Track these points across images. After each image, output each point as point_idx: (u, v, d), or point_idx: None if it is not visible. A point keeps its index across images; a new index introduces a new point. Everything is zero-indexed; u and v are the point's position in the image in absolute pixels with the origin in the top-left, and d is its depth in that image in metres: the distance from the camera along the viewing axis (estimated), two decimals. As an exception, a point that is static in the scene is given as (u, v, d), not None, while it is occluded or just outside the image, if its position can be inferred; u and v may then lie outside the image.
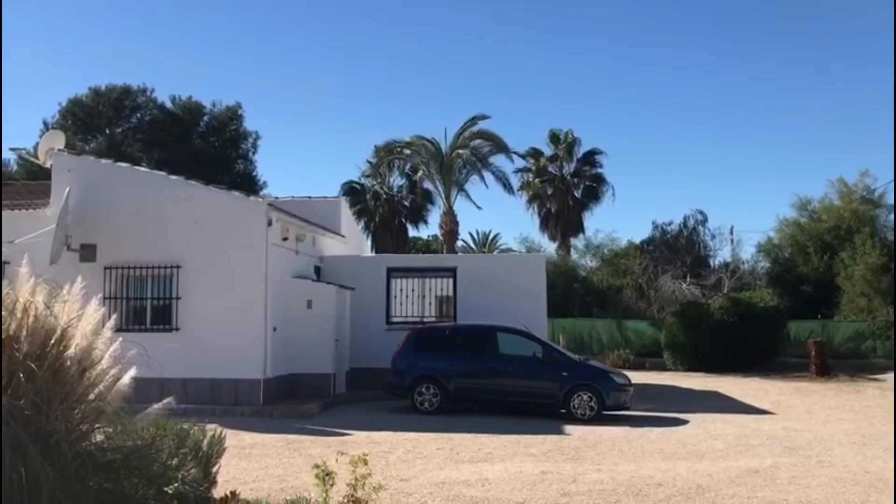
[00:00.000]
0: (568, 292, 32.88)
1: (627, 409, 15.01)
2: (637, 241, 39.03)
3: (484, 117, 34.05)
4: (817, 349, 24.77)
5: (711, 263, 37.30)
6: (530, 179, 40.37)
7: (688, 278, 32.96)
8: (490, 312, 17.39)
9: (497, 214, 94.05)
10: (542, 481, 8.95)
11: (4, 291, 5.76)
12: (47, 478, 5.15)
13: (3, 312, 5.43)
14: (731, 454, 10.97)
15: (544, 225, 40.20)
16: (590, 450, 11.29)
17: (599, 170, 40.12)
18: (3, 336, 5.28)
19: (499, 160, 35.30)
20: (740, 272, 34.76)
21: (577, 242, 40.17)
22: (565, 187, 39.72)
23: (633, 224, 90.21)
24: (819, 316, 31.50)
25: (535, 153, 40.18)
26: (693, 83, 69.16)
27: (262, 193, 34.91)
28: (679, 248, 36.64)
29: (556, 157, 40.14)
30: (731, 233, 39.23)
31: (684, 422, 14.31)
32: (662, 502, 7.98)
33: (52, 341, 5.70)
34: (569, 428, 13.49)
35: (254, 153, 42.29)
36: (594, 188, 39.99)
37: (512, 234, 79.30)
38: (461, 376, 15.34)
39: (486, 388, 15.31)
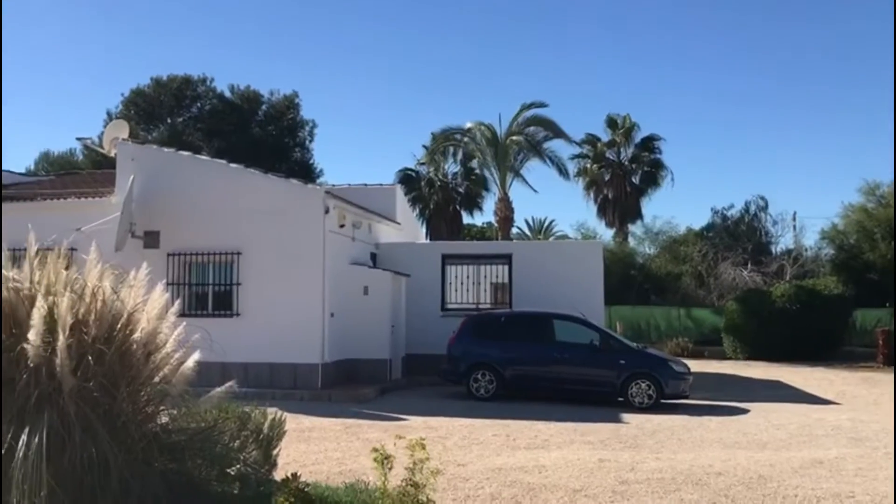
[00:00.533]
0: (625, 279, 32.54)
1: (686, 397, 14.80)
2: (696, 227, 38.41)
3: (541, 105, 33.91)
4: (885, 338, 24.06)
5: (773, 250, 36.49)
6: (587, 165, 39.98)
7: (749, 265, 32.32)
8: (546, 300, 17.32)
9: (552, 201, 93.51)
10: (600, 469, 8.90)
11: (74, 276, 5.94)
12: (115, 458, 5.30)
13: (73, 296, 5.60)
14: (793, 444, 10.74)
15: (601, 211, 39.80)
16: (648, 438, 11.18)
17: (658, 155, 39.56)
18: (73, 320, 5.44)
19: (554, 146, 35.13)
20: (803, 259, 33.93)
21: (636, 229, 39.75)
22: (623, 173, 39.24)
23: (692, 210, 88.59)
24: (887, 305, 30.53)
25: (591, 139, 39.80)
26: (754, 65, 67.54)
27: (318, 181, 35.27)
28: (740, 234, 35.91)
29: (613, 143, 39.67)
30: (794, 219, 38.33)
31: (745, 411, 14.06)
32: (723, 492, 7.85)
33: (119, 325, 5.85)
34: (626, 416, 13.37)
35: (310, 141, 42.80)
36: (652, 174, 39.41)
37: (568, 221, 78.84)
38: (517, 363, 15.32)
39: (542, 375, 15.26)
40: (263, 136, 39.71)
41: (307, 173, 38.48)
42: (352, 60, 76.52)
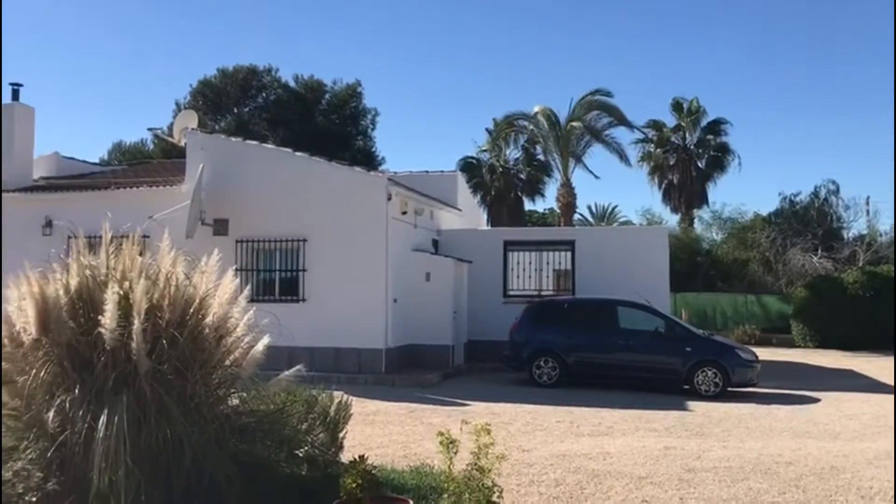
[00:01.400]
0: (691, 266, 31.99)
1: (754, 385, 14.52)
2: (764, 212, 37.46)
3: (606, 93, 33.53)
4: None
5: (845, 236, 35.31)
6: (651, 150, 39.34)
7: (819, 251, 31.41)
8: (609, 286, 17.16)
9: (615, 188, 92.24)
10: (665, 457, 8.81)
11: (148, 262, 6.12)
12: (189, 438, 5.46)
13: (148, 282, 5.77)
14: (867, 435, 10.44)
15: (666, 197, 39.15)
16: (714, 426, 11.00)
17: (724, 139, 38.67)
18: (147, 304, 5.61)
19: (616, 132, 34.68)
20: (877, 245, 32.76)
21: (703, 214, 39.00)
22: (688, 158, 38.49)
23: (760, 195, 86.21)
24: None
25: (656, 124, 39.13)
26: (821, 48, 65.29)
27: (380, 169, 35.54)
28: (809, 219, 34.85)
29: (679, 127, 38.94)
30: (867, 203, 36.99)
31: (815, 400, 13.72)
32: (793, 482, 7.69)
33: (192, 310, 6.01)
34: (692, 404, 13.18)
35: (373, 130, 43.04)
36: (719, 158, 38.56)
37: (631, 207, 77.48)
38: (580, 350, 15.22)
39: (605, 362, 15.14)
40: (326, 125, 40.11)
41: (369, 161, 38.75)
42: (414, 48, 76.69)
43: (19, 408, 5.09)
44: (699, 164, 38.76)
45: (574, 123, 33.27)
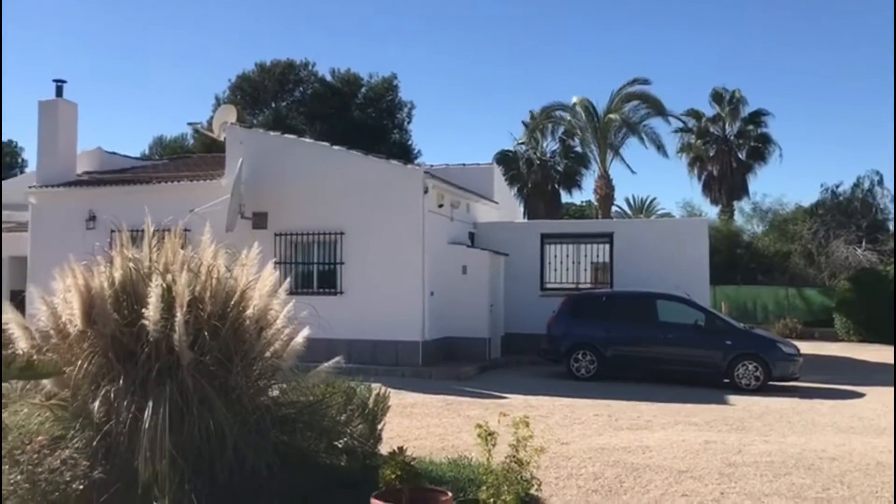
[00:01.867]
0: (731, 258, 31.56)
1: (796, 379, 14.29)
2: (805, 204, 36.81)
3: (644, 81, 33.22)
4: None
5: (890, 227, 34.58)
6: (691, 141, 38.86)
7: (863, 243, 30.79)
8: (648, 279, 17.00)
9: (654, 179, 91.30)
10: (706, 451, 8.71)
11: (190, 255, 6.21)
12: (231, 429, 5.53)
13: (190, 274, 5.85)
14: (914, 431, 10.21)
15: (706, 188, 38.67)
16: (755, 421, 10.86)
17: (765, 129, 38.07)
18: (189, 297, 5.69)
19: (655, 123, 34.36)
20: (925, 237, 32.02)
21: (743, 206, 38.48)
22: (728, 149, 37.97)
23: (802, 187, 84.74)
24: None
25: (695, 114, 38.64)
26: (863, 36, 63.84)
27: (416, 162, 35.59)
28: (853, 211, 34.16)
29: (718, 118, 38.40)
30: (914, 194, 36.10)
31: (859, 395, 13.47)
32: (838, 478, 7.56)
33: (233, 302, 6.08)
34: (732, 398, 13.02)
35: (408, 123, 43.12)
36: (760, 149, 37.97)
37: (670, 198, 76.78)
38: (619, 343, 15.12)
39: (644, 356, 15.02)
40: (363, 119, 40.29)
41: (405, 155, 38.83)
42: (450, 40, 76.59)
43: (66, 398, 5.20)
44: (739, 155, 38.22)
45: (612, 115, 33.02)
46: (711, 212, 38.97)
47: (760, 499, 6.83)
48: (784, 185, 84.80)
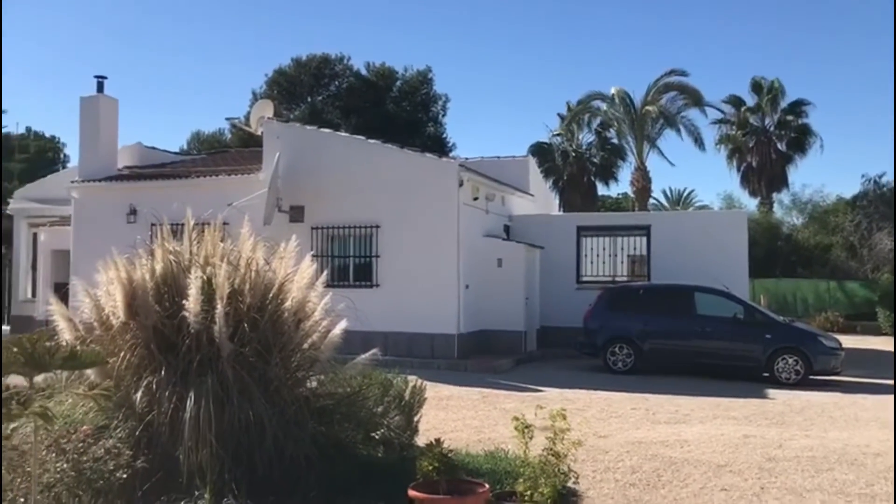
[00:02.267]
0: (770, 251, 31.11)
1: (837, 374, 14.05)
2: (847, 195, 36.12)
3: (682, 73, 32.83)
4: None
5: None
6: (730, 132, 38.29)
7: (907, 236, 30.11)
8: (686, 272, 16.82)
9: (691, 171, 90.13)
10: (745, 445, 8.61)
11: (230, 248, 6.28)
12: (270, 420, 5.60)
13: (229, 267, 5.91)
14: (961, 427, 9.98)
15: (745, 180, 38.10)
16: (796, 415, 10.70)
17: (805, 120, 37.35)
18: (229, 289, 5.75)
19: (692, 115, 33.95)
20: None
21: (782, 198, 37.86)
22: (768, 139, 37.34)
23: (843, 178, 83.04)
24: None
25: (735, 101, 38.01)
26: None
27: (451, 155, 35.57)
28: (896, 202, 33.44)
29: (758, 108, 37.76)
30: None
31: (905, 390, 13.19)
32: (882, 474, 7.42)
33: (272, 294, 6.15)
34: (772, 392, 12.85)
35: (443, 116, 43.06)
36: (800, 140, 37.28)
37: (708, 191, 75.70)
38: (656, 337, 14.99)
39: (682, 349, 14.87)
40: (398, 112, 40.35)
41: (440, 148, 38.81)
42: (484, 33, 76.33)
43: (110, 388, 5.29)
44: (779, 147, 37.57)
45: (649, 107, 32.69)
46: (750, 204, 38.46)
47: (802, 494, 6.73)
48: (824, 176, 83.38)
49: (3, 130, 44.27)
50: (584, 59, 75.49)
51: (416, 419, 7.55)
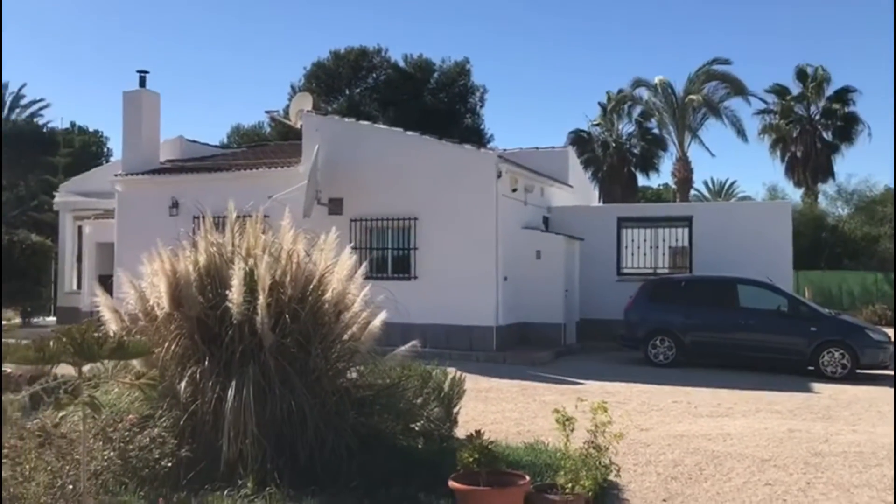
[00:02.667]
0: (815, 242, 30.53)
1: (886, 368, 13.72)
2: (896, 185, 35.30)
3: (724, 62, 32.37)
4: None
5: None
6: (774, 122, 37.60)
7: (959, 226, 29.38)
8: (729, 264, 16.57)
9: (733, 162, 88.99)
10: (790, 439, 8.46)
11: (271, 240, 6.33)
12: (311, 410, 5.65)
13: (270, 259, 5.96)
14: None
15: (789, 170, 37.44)
16: (843, 410, 10.48)
17: (852, 108, 36.53)
18: (270, 280, 5.80)
19: (734, 104, 33.47)
20: None
21: (827, 189, 37.12)
22: (813, 129, 36.63)
23: (891, 167, 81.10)
24: None
25: (779, 90, 37.33)
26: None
27: (489, 147, 35.45)
28: (948, 191, 32.65)
29: (803, 97, 37.03)
30: None
31: (956, 385, 12.86)
32: (932, 470, 7.23)
33: (312, 286, 6.20)
34: (817, 386, 12.61)
35: (481, 107, 42.93)
36: (846, 129, 36.49)
37: (750, 181, 74.37)
38: (698, 329, 14.79)
39: (724, 342, 14.65)
40: (435, 104, 40.31)
41: (478, 139, 38.69)
42: (521, 23, 75.91)
43: (155, 378, 5.36)
44: (825, 136, 36.84)
45: (692, 96, 32.26)
46: (795, 194, 37.79)
47: (850, 490, 6.60)
48: (872, 165, 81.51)
49: (49, 125, 45.26)
50: (624, 49, 74.74)
51: (455, 411, 7.56)
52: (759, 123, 37.82)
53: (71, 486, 4.72)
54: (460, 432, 7.11)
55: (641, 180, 40.01)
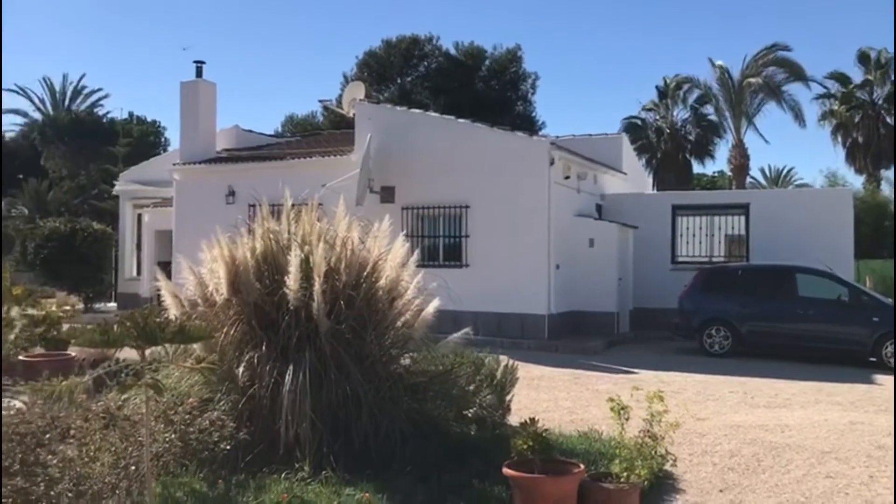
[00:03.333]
0: (877, 231, 29.63)
1: (952, 358, 13.30)
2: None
3: (784, 48, 31.59)
4: None
5: None
6: (834, 107, 36.56)
7: None
8: (787, 252, 16.20)
9: (790, 148, 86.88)
10: (851, 431, 8.26)
11: (326, 228, 6.39)
12: (366, 395, 5.71)
13: (326, 246, 6.02)
14: None
15: (850, 157, 36.36)
16: (907, 402, 10.19)
17: (918, 91, 35.28)
18: (326, 267, 5.86)
19: (793, 90, 32.63)
20: None
21: (890, 175, 36.01)
22: (876, 114, 35.48)
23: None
24: None
25: (840, 76, 36.27)
26: None
27: (540, 134, 35.18)
28: None
29: (866, 82, 35.88)
30: None
31: None
32: None
33: (366, 273, 6.26)
34: (880, 377, 12.27)
35: (532, 94, 42.62)
36: (912, 112, 35.28)
37: (808, 168, 72.50)
38: (755, 319, 14.51)
39: (782, 332, 14.35)
40: (486, 91, 40.15)
41: (529, 126, 38.43)
42: (572, 9, 75.07)
43: (214, 362, 5.48)
44: (888, 121, 35.67)
45: (752, 80, 31.55)
46: (856, 181, 36.76)
47: (914, 484, 6.42)
48: (939, 151, 78.69)
49: (108, 116, 46.39)
50: (678, 35, 73.41)
51: (507, 398, 7.56)
52: (818, 109, 36.84)
53: (134, 467, 4.85)
54: (513, 420, 7.11)
55: (696, 167, 39.34)
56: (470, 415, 6.90)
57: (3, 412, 5.24)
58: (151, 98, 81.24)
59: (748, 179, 37.40)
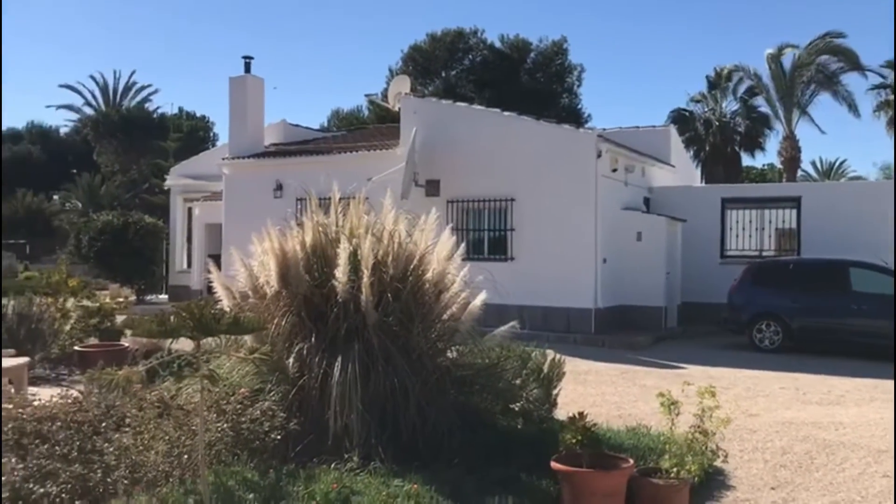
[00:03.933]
0: (935, 224, 28.80)
1: None
2: None
3: (838, 35, 30.75)
4: None
5: None
6: (890, 97, 35.57)
7: None
8: (840, 246, 15.82)
9: (842, 141, 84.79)
10: (909, 430, 8.06)
11: (374, 221, 6.43)
12: (413, 387, 5.73)
13: (373, 239, 6.06)
14: None
15: (906, 149, 35.37)
16: (967, 401, 9.90)
17: (980, 80, 34.15)
18: (373, 260, 5.90)
19: (848, 79, 31.80)
20: None
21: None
22: (933, 104, 34.45)
23: None
24: None
25: (896, 66, 35.28)
26: None
27: (587, 126, 34.88)
28: None
29: (923, 71, 34.85)
30: None
31: None
32: None
33: (413, 266, 6.28)
34: (938, 375, 11.94)
35: (578, 87, 42.28)
36: (973, 102, 34.18)
37: (862, 161, 70.57)
38: (806, 314, 14.22)
39: (835, 327, 14.04)
40: (532, 84, 39.92)
41: (575, 119, 38.13)
42: (618, 1, 74.23)
43: (265, 353, 5.55)
44: (947, 112, 34.61)
45: (804, 70, 30.84)
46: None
47: (975, 485, 6.24)
48: None
49: (159, 111, 47.26)
50: (728, 25, 72.15)
51: (554, 392, 7.53)
52: (873, 100, 35.87)
53: (187, 456, 4.95)
54: (560, 414, 7.08)
55: (745, 160, 38.60)
56: (516, 408, 6.89)
57: (62, 401, 5.41)
58: (201, 93, 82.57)
59: (799, 172, 36.62)
